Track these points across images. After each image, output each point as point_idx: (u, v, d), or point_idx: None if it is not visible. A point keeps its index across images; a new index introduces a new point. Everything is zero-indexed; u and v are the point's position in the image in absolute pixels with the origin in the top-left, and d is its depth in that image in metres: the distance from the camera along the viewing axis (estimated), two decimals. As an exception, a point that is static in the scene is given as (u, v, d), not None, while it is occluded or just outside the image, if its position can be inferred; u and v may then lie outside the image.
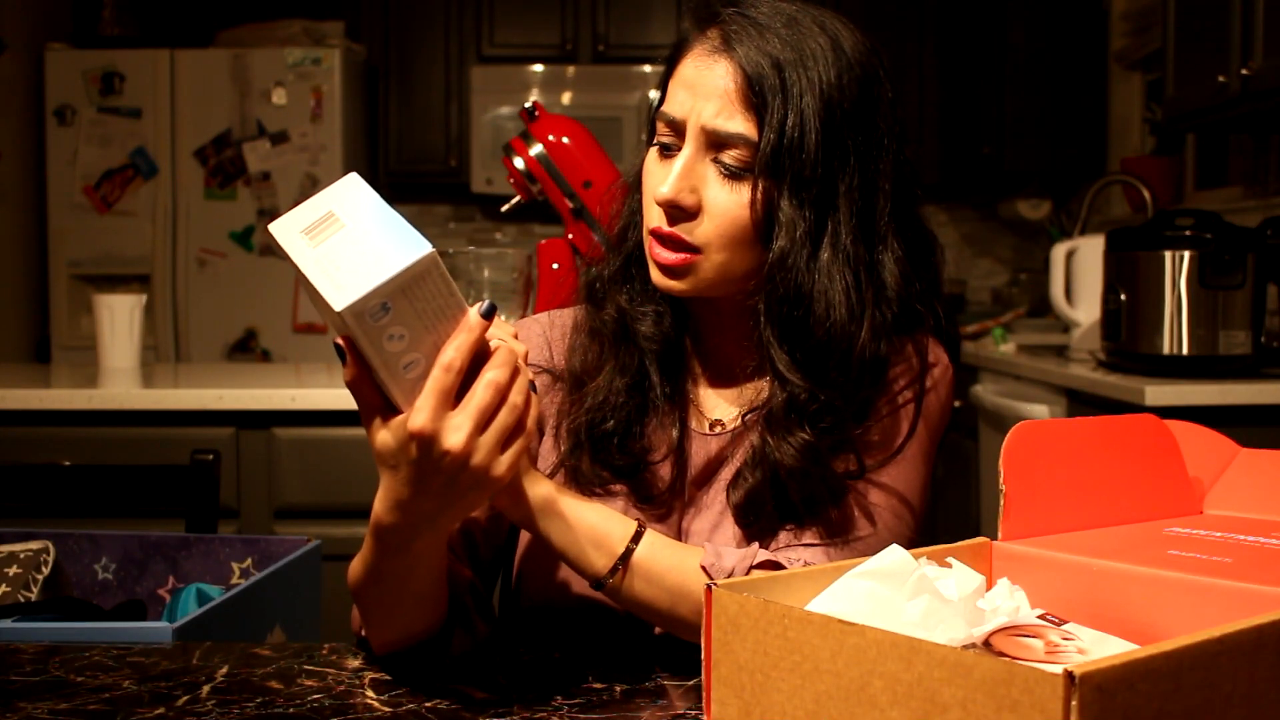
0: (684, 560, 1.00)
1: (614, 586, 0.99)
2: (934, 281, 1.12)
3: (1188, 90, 2.96)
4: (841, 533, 1.06)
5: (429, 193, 5.22)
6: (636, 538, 0.99)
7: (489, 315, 0.85)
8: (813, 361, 1.03)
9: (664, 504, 1.11)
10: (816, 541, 1.05)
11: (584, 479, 1.11)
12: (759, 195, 1.02)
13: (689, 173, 1.04)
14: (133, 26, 4.74)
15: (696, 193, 1.04)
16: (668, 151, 1.06)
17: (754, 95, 1.01)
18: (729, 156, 1.03)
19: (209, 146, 4.40)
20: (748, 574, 1.01)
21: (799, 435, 1.03)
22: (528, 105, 2.20)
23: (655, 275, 1.08)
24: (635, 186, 1.15)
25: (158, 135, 4.40)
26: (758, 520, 1.07)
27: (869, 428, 1.08)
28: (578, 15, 4.90)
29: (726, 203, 1.03)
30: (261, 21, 4.56)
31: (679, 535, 1.11)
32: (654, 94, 1.13)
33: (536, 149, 2.17)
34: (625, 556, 0.98)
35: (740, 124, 1.02)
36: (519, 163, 2.18)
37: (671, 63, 1.09)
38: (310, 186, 4.39)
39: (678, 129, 1.05)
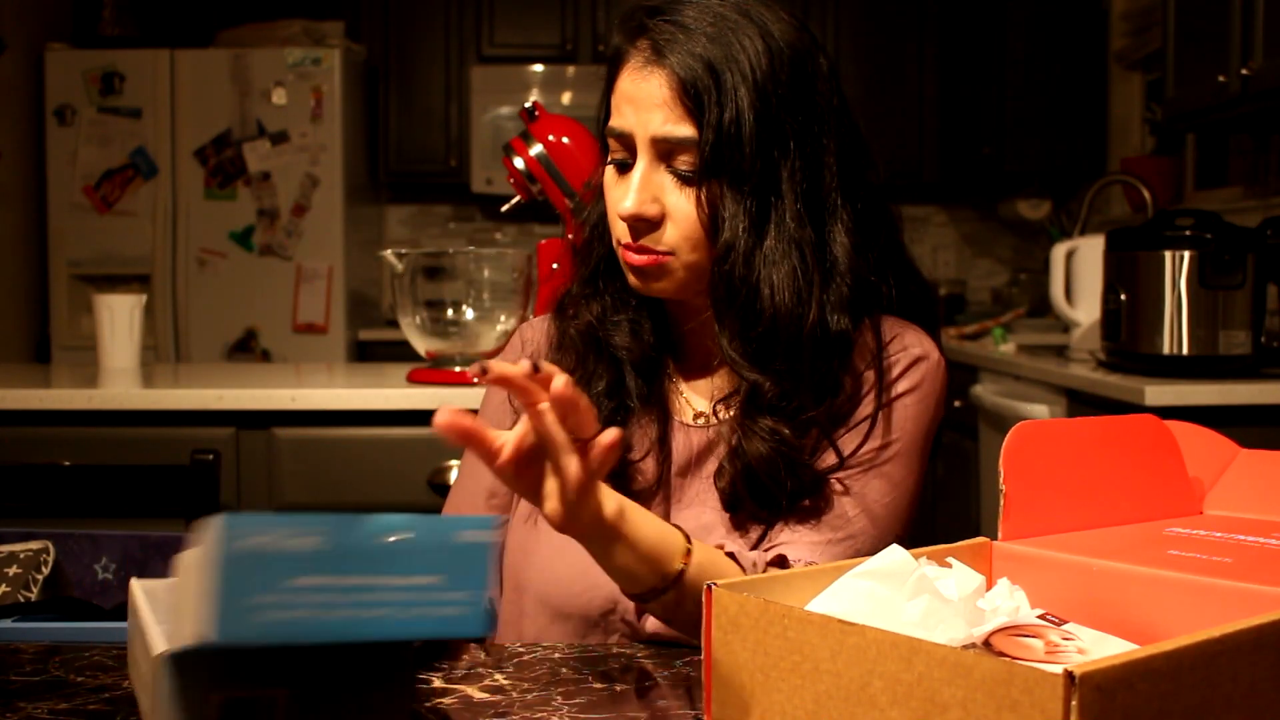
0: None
1: (656, 606, 0.99)
2: (891, 246, 1.13)
3: (1188, 90, 2.96)
4: (833, 528, 1.06)
5: (429, 193, 5.22)
6: (685, 562, 0.98)
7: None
8: (763, 349, 1.06)
9: (647, 500, 1.12)
10: (815, 538, 1.06)
11: None
12: (703, 195, 1.05)
13: (647, 184, 1.06)
14: (133, 26, 4.74)
15: (658, 201, 1.06)
16: (624, 167, 1.08)
17: (690, 100, 1.03)
18: (680, 162, 1.05)
19: (209, 146, 4.40)
20: (765, 569, 1.02)
21: (763, 422, 1.06)
22: (528, 105, 2.20)
23: (633, 281, 1.10)
24: (599, 197, 1.16)
25: (158, 135, 4.40)
26: (743, 508, 1.09)
27: (857, 423, 1.09)
28: (578, 15, 4.90)
29: (685, 207, 1.06)
30: (261, 21, 4.56)
31: None
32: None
33: (536, 149, 2.17)
34: (675, 580, 0.97)
35: (685, 129, 1.04)
36: (519, 163, 2.18)
37: (610, 79, 1.11)
38: (310, 186, 4.40)
39: (628, 144, 1.07)
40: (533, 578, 1.12)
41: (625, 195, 1.06)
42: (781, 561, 1.04)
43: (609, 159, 1.10)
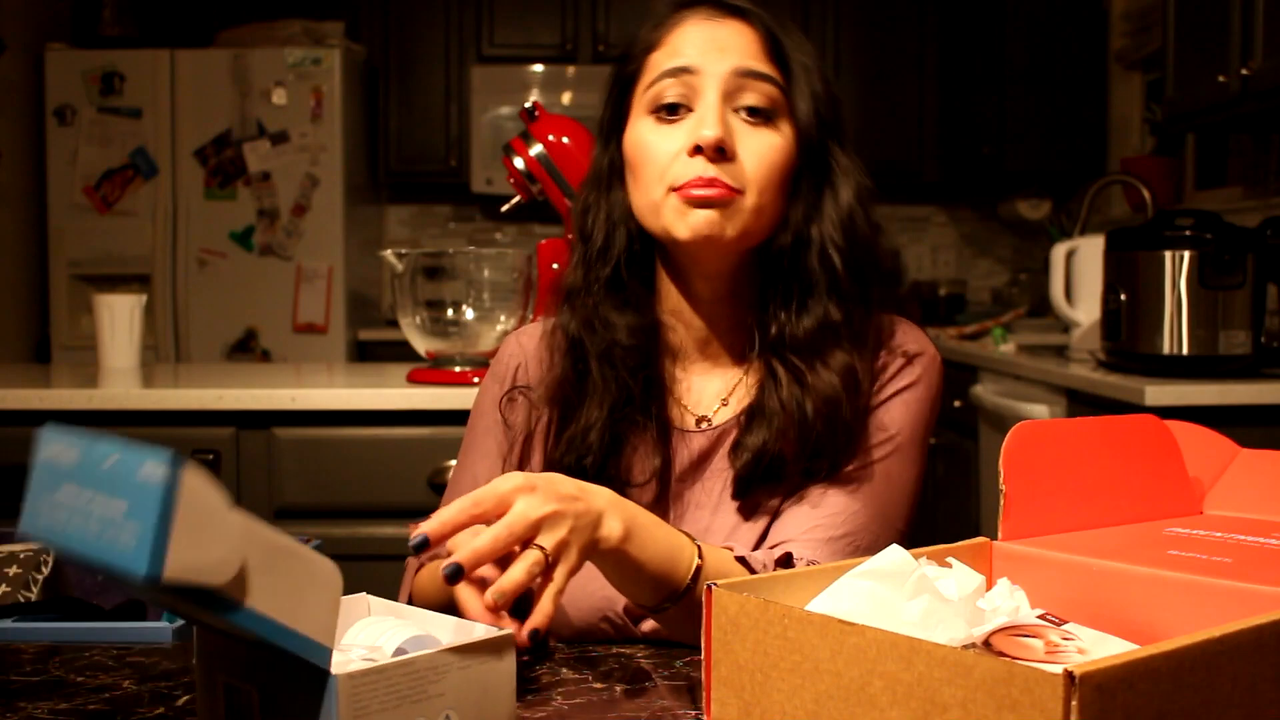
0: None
1: (664, 619, 0.99)
2: None
3: (1188, 90, 2.96)
4: (835, 525, 1.06)
5: (429, 193, 5.22)
6: (692, 577, 0.97)
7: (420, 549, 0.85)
8: (858, 280, 1.09)
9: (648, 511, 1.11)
10: (818, 535, 1.05)
11: None
12: (783, 137, 1.07)
13: (723, 117, 1.06)
14: (133, 26, 4.74)
15: (732, 137, 1.06)
16: (673, 113, 1.08)
17: (773, 46, 1.08)
18: (756, 98, 1.06)
19: (209, 146, 4.40)
20: (774, 568, 1.02)
21: (839, 356, 1.07)
22: (528, 105, 2.20)
23: (692, 220, 1.05)
24: (607, 188, 1.14)
25: (158, 135, 4.40)
26: (761, 485, 1.08)
27: (863, 419, 1.09)
28: (578, 15, 4.90)
29: (761, 145, 1.06)
30: (261, 21, 4.56)
31: None
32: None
33: (536, 149, 2.17)
34: (683, 595, 0.96)
35: (767, 67, 1.07)
36: (519, 163, 2.18)
37: (652, 43, 1.11)
38: (310, 186, 4.40)
39: (691, 82, 1.07)
40: None
41: (701, 126, 1.05)
42: (787, 560, 1.04)
43: (651, 109, 1.08)
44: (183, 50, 4.41)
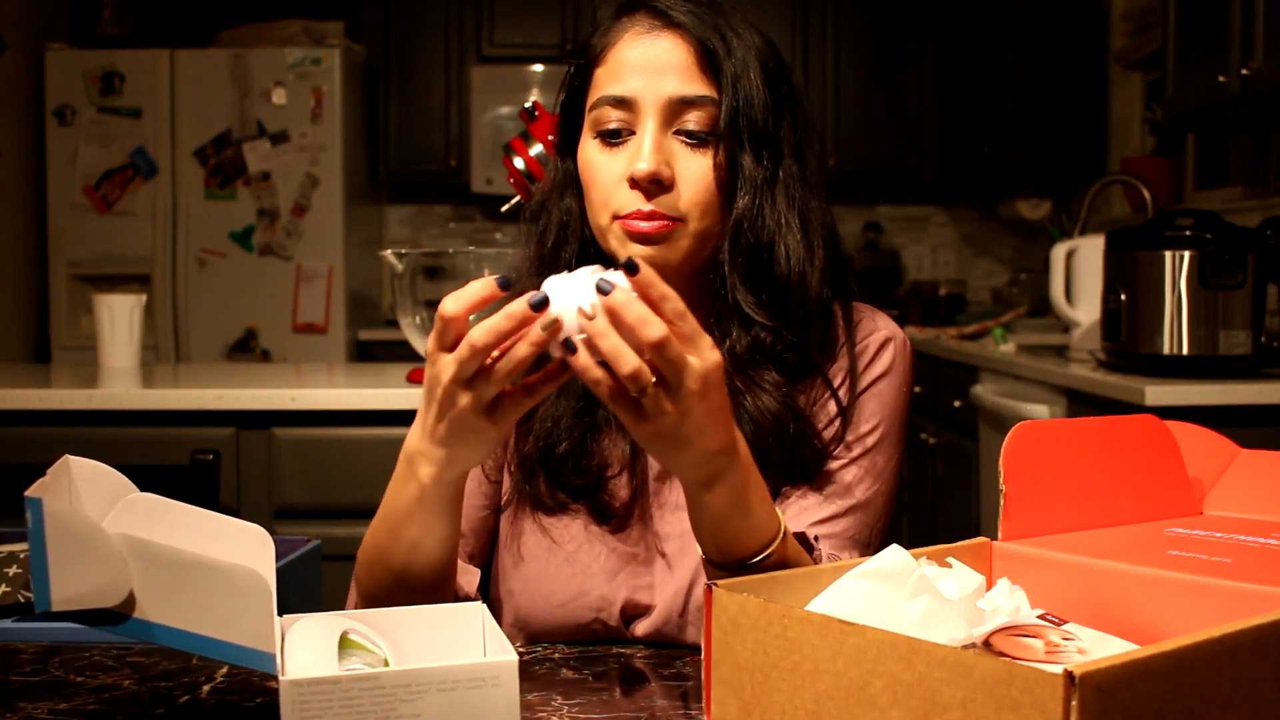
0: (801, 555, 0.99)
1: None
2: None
3: (1188, 90, 2.96)
4: (830, 517, 1.07)
5: (429, 193, 5.22)
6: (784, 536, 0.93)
7: (505, 287, 0.84)
8: (777, 303, 1.07)
9: (626, 514, 1.11)
10: (812, 530, 1.05)
11: (541, 504, 1.11)
12: (722, 157, 1.05)
13: (660, 146, 1.05)
14: (133, 26, 4.74)
15: (670, 166, 1.05)
16: (615, 138, 1.06)
17: (709, 59, 1.05)
18: (694, 123, 1.05)
19: (209, 146, 4.40)
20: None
21: (770, 376, 1.06)
22: (528, 105, 2.20)
23: (634, 251, 1.05)
24: (560, 194, 1.14)
25: (158, 135, 4.40)
26: None
27: (836, 415, 1.09)
28: (578, 15, 4.90)
29: (699, 170, 1.05)
30: (261, 21, 4.56)
31: (652, 538, 1.10)
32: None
33: (536, 149, 2.17)
34: (779, 541, 0.92)
35: (703, 89, 1.05)
36: (519, 163, 2.18)
37: (596, 55, 1.09)
38: (310, 186, 4.40)
39: (631, 108, 1.05)
40: (519, 602, 1.11)
41: (638, 158, 1.03)
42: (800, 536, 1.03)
43: (595, 132, 1.07)
44: (182, 50, 4.41)
